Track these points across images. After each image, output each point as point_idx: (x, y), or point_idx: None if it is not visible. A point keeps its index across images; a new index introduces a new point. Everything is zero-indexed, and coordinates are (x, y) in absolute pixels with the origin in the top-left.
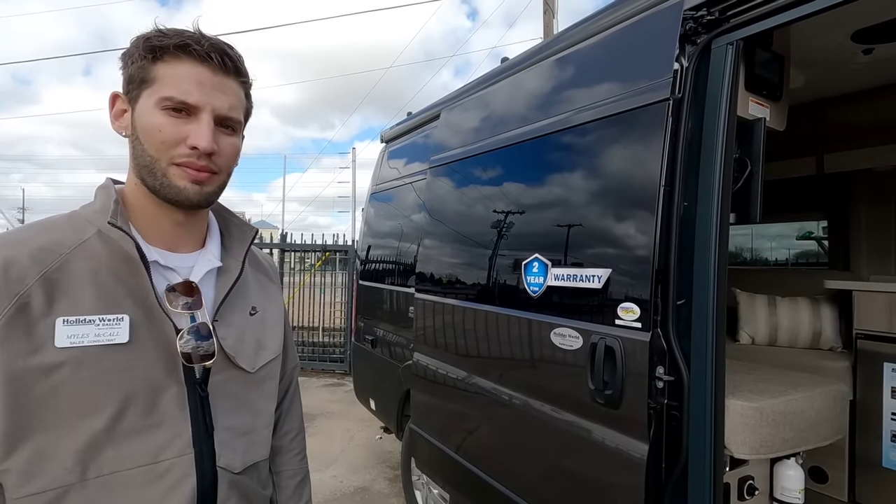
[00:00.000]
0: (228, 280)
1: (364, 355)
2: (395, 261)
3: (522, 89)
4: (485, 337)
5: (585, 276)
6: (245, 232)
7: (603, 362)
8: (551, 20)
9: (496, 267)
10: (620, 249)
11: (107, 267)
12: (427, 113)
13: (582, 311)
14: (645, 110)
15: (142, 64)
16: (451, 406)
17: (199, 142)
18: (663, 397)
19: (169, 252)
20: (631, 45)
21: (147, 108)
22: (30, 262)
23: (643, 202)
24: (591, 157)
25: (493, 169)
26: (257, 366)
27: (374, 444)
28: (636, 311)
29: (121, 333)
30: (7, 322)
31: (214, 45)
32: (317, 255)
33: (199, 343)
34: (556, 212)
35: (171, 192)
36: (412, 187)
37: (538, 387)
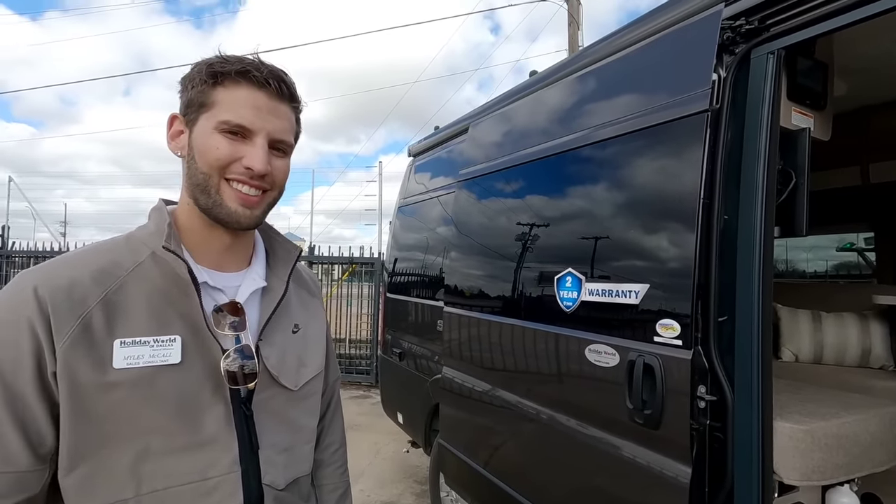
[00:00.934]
0: (273, 300)
1: (391, 368)
2: (423, 274)
3: (554, 102)
4: (515, 352)
5: (621, 291)
6: (289, 251)
7: (641, 380)
8: (576, 32)
9: (527, 281)
10: (658, 264)
11: (160, 289)
12: (455, 127)
13: (618, 327)
14: (682, 122)
15: (202, 88)
16: (481, 421)
17: (254, 164)
18: (706, 418)
19: (217, 272)
20: (666, 56)
21: (205, 130)
22: (92, 283)
23: (682, 216)
24: (626, 169)
25: (524, 182)
26: (300, 384)
27: (402, 458)
28: (676, 328)
29: (173, 354)
30: (72, 342)
31: (272, 72)
32: (343, 268)
33: (243, 363)
34: (589, 226)
35: (223, 212)
36: (440, 201)
37: (571, 403)
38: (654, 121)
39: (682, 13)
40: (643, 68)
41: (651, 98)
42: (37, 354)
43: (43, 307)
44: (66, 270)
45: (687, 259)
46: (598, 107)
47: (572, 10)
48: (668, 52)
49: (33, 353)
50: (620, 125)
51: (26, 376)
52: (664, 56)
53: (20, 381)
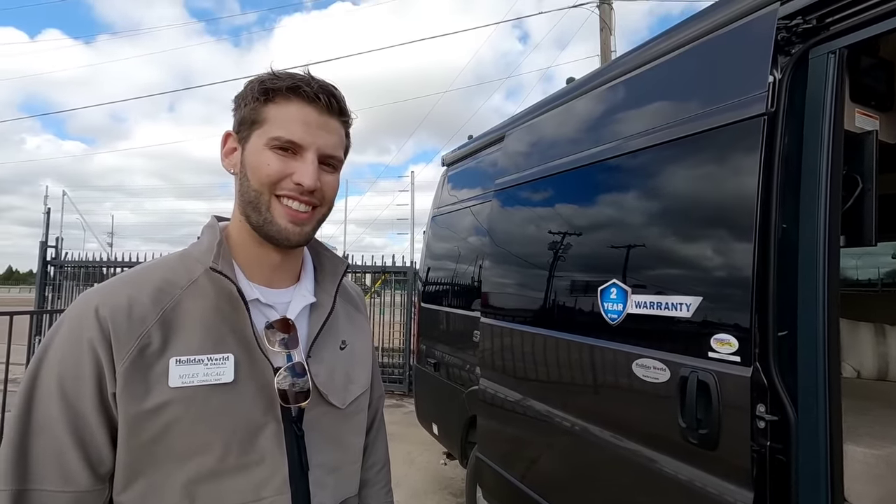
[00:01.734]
0: (321, 315)
1: (426, 378)
2: (458, 283)
3: (597, 109)
4: (557, 365)
5: (671, 303)
6: (337, 266)
7: (696, 398)
8: (609, 37)
9: (568, 292)
10: (711, 276)
11: (213, 306)
12: (490, 136)
13: (668, 341)
14: (736, 127)
15: (254, 106)
16: (520, 436)
17: (304, 179)
18: (766, 439)
19: (267, 288)
20: (716, 59)
21: (257, 147)
22: (150, 302)
23: (737, 225)
24: (674, 177)
25: (566, 191)
26: (347, 401)
27: (436, 469)
28: (733, 344)
29: (226, 373)
30: (132, 363)
31: (322, 87)
32: (375, 276)
33: (294, 380)
34: (634, 236)
35: (273, 229)
36: (475, 210)
37: (617, 419)
38: (704, 126)
39: (734, 14)
40: (691, 72)
41: (700, 103)
42: (98, 376)
43: (104, 328)
44: (126, 289)
45: (743, 271)
46: (643, 113)
47: (604, 15)
48: (718, 54)
49: (95, 374)
50: (668, 131)
51: (88, 398)
52: (714, 59)
53: (83, 402)
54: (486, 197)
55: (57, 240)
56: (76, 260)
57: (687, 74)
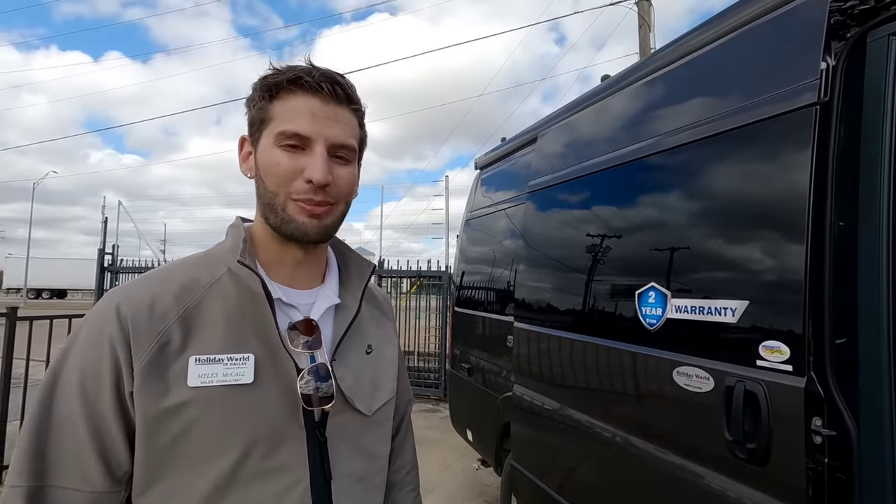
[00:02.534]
0: (346, 318)
1: (460, 384)
2: (492, 288)
3: (633, 106)
4: (592, 371)
5: (715, 308)
6: (363, 268)
7: (742, 409)
8: (647, 34)
9: (604, 296)
10: (759, 279)
11: (236, 305)
12: (522, 137)
13: (712, 348)
14: (785, 118)
15: (261, 105)
16: (555, 444)
17: (313, 174)
18: (823, 455)
19: (291, 289)
20: (763, 47)
21: (266, 146)
22: (172, 300)
23: (787, 224)
24: (717, 173)
25: (601, 191)
26: (374, 408)
27: (471, 476)
28: (784, 352)
29: (246, 374)
30: (150, 361)
31: (325, 75)
32: (411, 281)
33: (318, 384)
34: (674, 237)
35: (291, 227)
36: (508, 213)
37: (656, 429)
38: (748, 119)
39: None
40: (734, 63)
41: (745, 95)
42: (116, 375)
43: (124, 326)
44: (149, 287)
45: (795, 273)
46: (683, 107)
47: (643, 11)
48: (763, 43)
49: (113, 373)
50: (709, 126)
51: (107, 397)
52: (759, 48)
53: (101, 401)
54: (520, 199)
55: (113, 247)
56: (131, 266)
57: (729, 65)
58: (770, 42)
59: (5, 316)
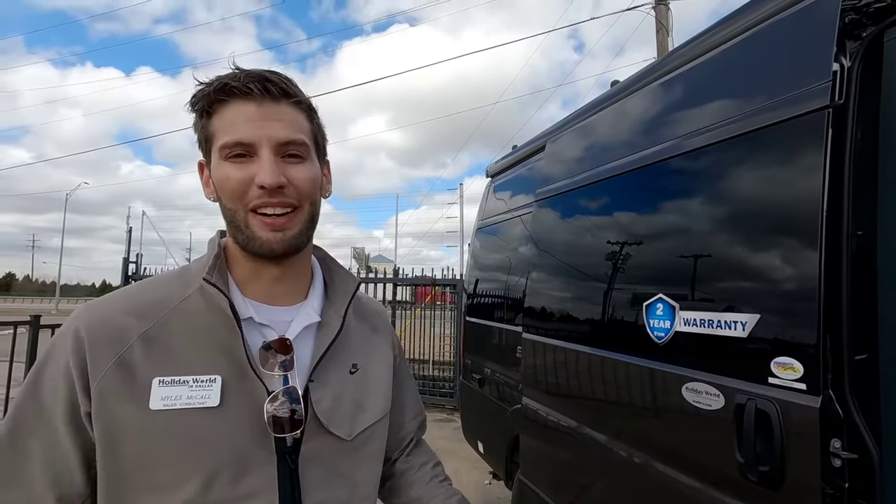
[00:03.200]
0: (328, 336)
1: (471, 395)
2: (503, 297)
3: (641, 110)
4: (601, 385)
5: (724, 321)
6: (347, 283)
7: (754, 429)
8: (665, 38)
9: (611, 307)
10: (771, 291)
11: (204, 324)
12: (532, 145)
13: (722, 363)
14: (796, 122)
15: (202, 124)
16: (564, 459)
17: (263, 178)
18: (843, 480)
19: (268, 306)
20: (772, 48)
21: (215, 163)
22: (134, 319)
23: (800, 233)
24: (726, 180)
25: (608, 199)
26: (355, 432)
27: (483, 489)
28: (798, 369)
29: (212, 396)
30: (107, 380)
31: (252, 76)
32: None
33: (293, 407)
34: (682, 246)
35: (256, 244)
36: (519, 221)
37: (666, 448)
38: (758, 123)
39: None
40: (742, 66)
41: (754, 98)
42: (71, 396)
43: (80, 347)
44: (114, 305)
45: (809, 284)
46: (691, 112)
47: (660, 16)
48: (773, 44)
49: (68, 394)
50: (718, 131)
51: (61, 417)
52: (769, 50)
53: (56, 421)
54: (529, 207)
55: (137, 256)
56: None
57: (738, 68)
58: (780, 43)
59: (29, 324)
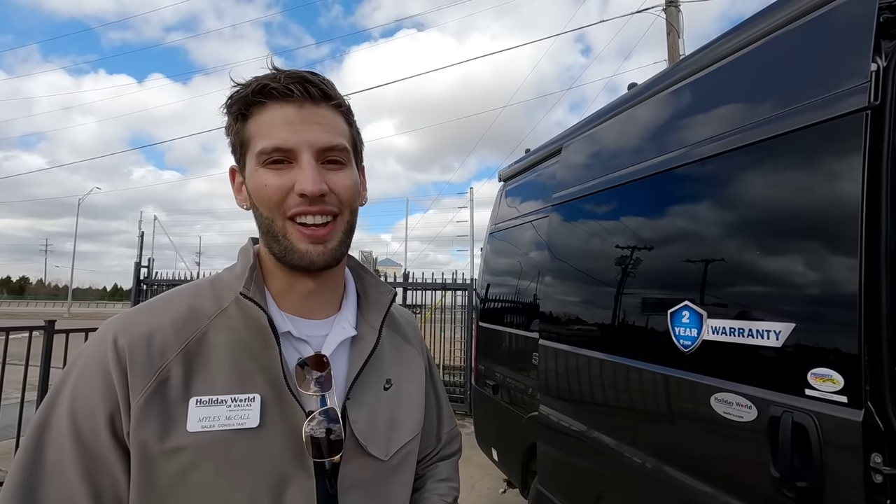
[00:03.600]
0: (363, 352)
1: (485, 401)
2: (517, 302)
3: (665, 113)
4: (624, 393)
5: (757, 330)
6: (382, 294)
7: (791, 443)
8: (676, 41)
9: (635, 314)
10: (806, 299)
11: (242, 339)
12: (546, 149)
13: (754, 374)
14: (831, 125)
15: (236, 128)
16: (583, 469)
17: (304, 186)
18: (885, 497)
19: (302, 319)
20: (804, 49)
21: (251, 169)
22: (173, 332)
23: (837, 238)
24: (757, 184)
25: (631, 203)
26: (391, 451)
27: (497, 498)
28: (837, 381)
29: (251, 417)
30: (147, 400)
31: (292, 77)
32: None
33: (330, 427)
34: (711, 252)
35: (295, 257)
36: (533, 226)
37: (694, 460)
38: (791, 126)
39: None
40: (772, 67)
41: (785, 100)
42: (111, 412)
43: (122, 359)
44: (148, 318)
45: (847, 292)
46: (719, 114)
47: (671, 18)
48: (804, 45)
49: (108, 410)
50: (745, 134)
51: (103, 436)
52: (800, 51)
53: (99, 442)
54: (545, 212)
55: (149, 260)
56: (165, 279)
57: (768, 70)
58: (811, 45)
59: (43, 329)
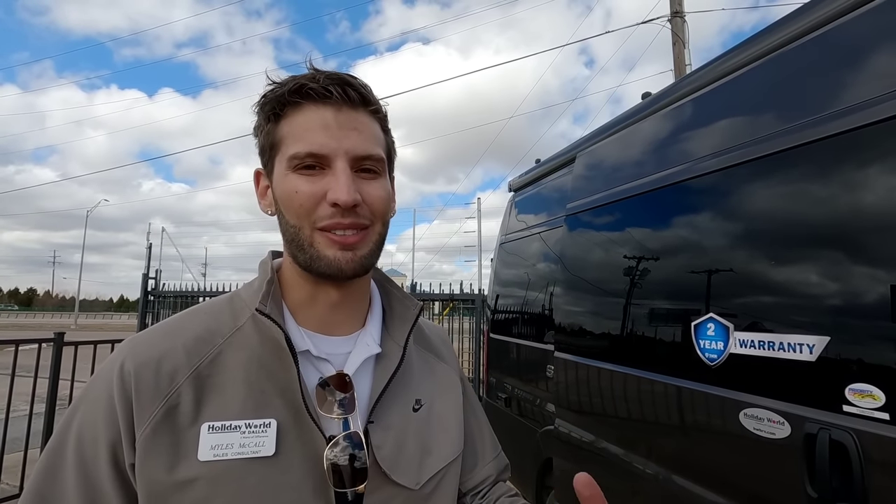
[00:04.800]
0: (388, 369)
1: (497, 414)
2: (529, 313)
3: (686, 119)
4: (648, 408)
5: (788, 344)
6: (408, 308)
7: (829, 462)
8: (682, 51)
9: (659, 327)
10: (843, 311)
11: (259, 358)
12: (559, 159)
13: (786, 389)
14: (871, 130)
15: (268, 129)
16: (603, 486)
17: (339, 195)
18: None
19: (324, 336)
20: (836, 54)
21: (280, 174)
22: (184, 355)
23: (873, 248)
24: (785, 192)
25: (650, 213)
26: (423, 479)
27: None
28: (878, 397)
29: (267, 444)
30: (154, 429)
31: (331, 78)
32: (443, 304)
33: (354, 453)
34: (736, 262)
35: (322, 265)
36: (546, 236)
37: (721, 478)
38: (831, 130)
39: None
40: (803, 73)
41: (825, 103)
42: (113, 443)
43: (127, 387)
44: (160, 340)
45: (885, 303)
46: (745, 121)
47: (676, 28)
48: (836, 50)
49: (109, 441)
50: (775, 141)
51: (104, 467)
52: (832, 56)
53: (99, 472)
54: (558, 222)
55: (156, 272)
56: (172, 290)
57: (798, 76)
58: (842, 49)
59: (52, 341)
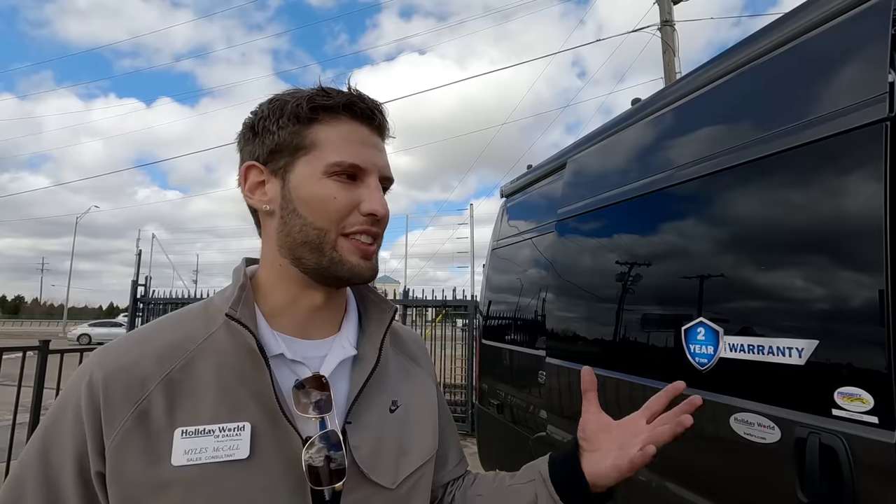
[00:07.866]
0: (364, 371)
1: (489, 421)
2: (521, 319)
3: (675, 125)
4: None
5: (777, 348)
6: (383, 310)
7: (819, 466)
8: (672, 59)
9: (649, 332)
10: (831, 314)
11: (231, 363)
12: (550, 164)
13: (776, 393)
14: (849, 136)
15: (295, 129)
16: None
17: (375, 207)
18: None
19: (300, 339)
20: (818, 61)
21: (310, 176)
22: (155, 361)
23: (860, 252)
24: (773, 197)
25: (640, 218)
26: (399, 478)
27: None
28: (867, 400)
29: (241, 447)
30: (124, 436)
31: (375, 103)
32: (436, 310)
33: (331, 454)
34: (725, 267)
35: (343, 269)
36: (538, 241)
37: (711, 483)
38: (807, 138)
39: (835, 8)
40: (786, 79)
41: (800, 113)
42: (79, 454)
43: (95, 396)
44: (131, 348)
45: (872, 307)
46: (729, 127)
47: (667, 37)
48: (818, 57)
49: (75, 452)
50: (762, 146)
51: (69, 480)
52: (814, 62)
53: (64, 485)
54: (549, 228)
55: (146, 279)
56: (162, 297)
57: (781, 82)
58: (824, 56)
59: (38, 349)
